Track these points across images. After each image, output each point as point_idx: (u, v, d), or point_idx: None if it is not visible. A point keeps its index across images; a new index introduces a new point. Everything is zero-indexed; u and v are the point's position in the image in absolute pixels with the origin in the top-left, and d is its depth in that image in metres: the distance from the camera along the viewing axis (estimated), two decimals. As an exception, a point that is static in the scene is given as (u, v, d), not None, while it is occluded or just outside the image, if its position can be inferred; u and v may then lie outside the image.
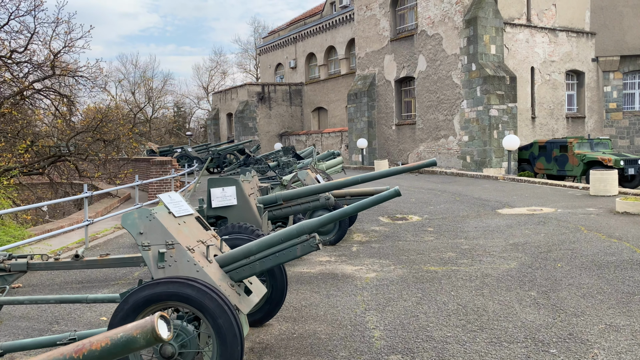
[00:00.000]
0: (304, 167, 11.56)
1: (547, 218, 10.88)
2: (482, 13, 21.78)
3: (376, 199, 4.53)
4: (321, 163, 12.16)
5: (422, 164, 7.32)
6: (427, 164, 7.27)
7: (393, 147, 26.58)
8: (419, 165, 7.32)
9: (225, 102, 39.46)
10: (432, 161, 7.23)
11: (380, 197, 4.53)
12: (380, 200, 4.54)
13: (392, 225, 11.10)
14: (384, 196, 4.53)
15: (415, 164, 7.33)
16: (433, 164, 7.25)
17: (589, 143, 21.18)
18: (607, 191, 13.42)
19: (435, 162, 7.24)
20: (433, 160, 7.22)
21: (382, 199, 4.54)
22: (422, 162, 7.32)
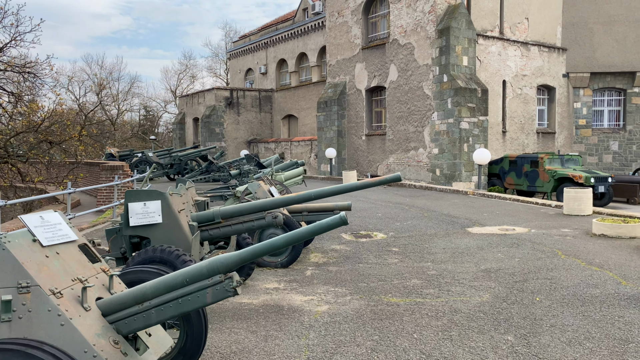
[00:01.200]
0: (259, 178, 10.43)
1: (520, 239, 9.99)
2: (455, 23, 21.11)
3: (318, 227, 3.46)
4: (280, 173, 11.04)
5: (385, 179, 6.29)
6: (390, 179, 6.25)
7: (363, 157, 25.67)
8: (381, 181, 6.29)
9: (192, 106, 38.02)
10: (396, 176, 6.21)
11: (324, 226, 3.46)
12: (324, 229, 3.47)
13: (355, 243, 10.05)
14: (328, 224, 3.46)
15: (378, 180, 6.30)
16: (397, 180, 6.23)
17: (560, 159, 20.65)
18: (581, 210, 12.68)
19: (399, 178, 6.23)
20: (397, 176, 6.21)
21: (325, 228, 3.47)
22: (385, 178, 6.30)
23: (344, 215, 3.44)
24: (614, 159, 25.72)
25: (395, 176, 6.22)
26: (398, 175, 6.21)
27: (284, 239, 3.36)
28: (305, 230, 3.42)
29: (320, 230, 3.44)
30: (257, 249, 3.32)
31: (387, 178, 6.25)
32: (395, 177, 6.23)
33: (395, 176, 6.22)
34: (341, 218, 3.42)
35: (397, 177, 6.22)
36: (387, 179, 6.25)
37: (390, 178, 6.24)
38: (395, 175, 6.23)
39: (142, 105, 52.84)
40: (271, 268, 7.95)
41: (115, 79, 50.01)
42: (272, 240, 3.36)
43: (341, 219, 3.42)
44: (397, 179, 6.23)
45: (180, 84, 53.29)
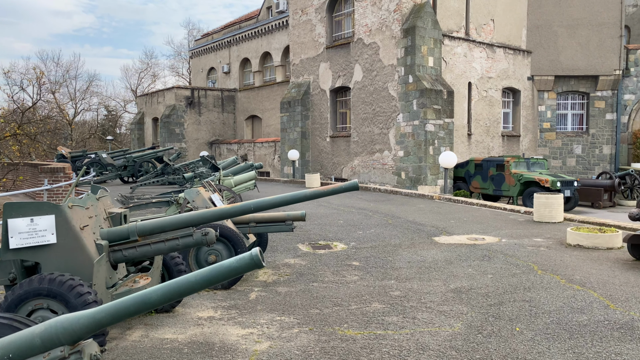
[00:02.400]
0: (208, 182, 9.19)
1: (491, 250, 9.06)
2: (420, 23, 20.29)
3: (214, 273, 2.32)
4: (229, 178, 9.80)
5: (340, 188, 5.21)
6: (346, 187, 5.16)
7: (327, 160, 24.62)
8: (335, 190, 5.20)
9: (151, 105, 36.25)
10: (353, 184, 5.14)
11: (223, 271, 2.32)
12: (223, 275, 2.33)
13: (312, 256, 8.93)
14: (231, 268, 2.33)
15: (331, 188, 5.21)
16: (354, 188, 5.15)
17: (526, 163, 20.07)
18: (552, 217, 11.91)
19: (356, 186, 5.15)
20: (354, 184, 5.13)
21: (226, 273, 2.33)
22: (340, 186, 5.21)
23: (256, 255, 2.31)
24: (578, 163, 25.44)
25: (352, 184, 5.15)
26: (355, 183, 5.14)
27: (161, 292, 2.20)
28: (193, 279, 2.27)
29: (217, 277, 2.31)
30: (120, 307, 2.15)
31: (343, 187, 5.16)
32: (351, 185, 5.16)
33: (352, 184, 5.15)
34: (252, 259, 2.30)
35: (353, 185, 5.15)
36: (343, 187, 5.16)
37: (347, 186, 5.16)
38: (352, 183, 5.15)
39: (102, 104, 50.48)
40: (210, 289, 6.77)
41: (72, 77, 47.46)
42: (145, 294, 2.20)
43: (252, 261, 2.30)
44: (354, 187, 5.16)
45: (141, 83, 51.17)
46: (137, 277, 5.21)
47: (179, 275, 5.82)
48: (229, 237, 6.80)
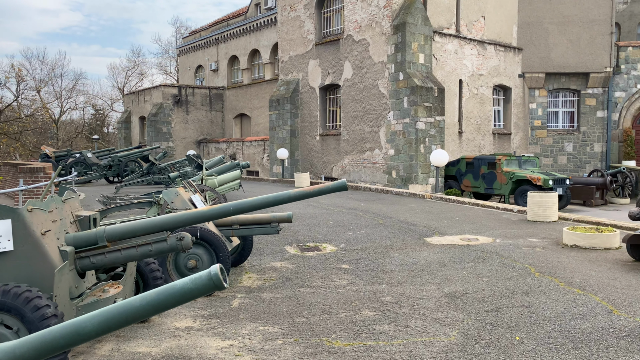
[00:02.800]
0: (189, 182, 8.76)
1: (485, 252, 8.74)
2: (411, 19, 19.96)
3: (156, 299, 1.92)
4: (212, 177, 9.35)
5: (327, 188, 4.83)
6: (334, 187, 4.78)
7: (317, 159, 24.23)
8: (322, 190, 4.82)
9: (138, 104, 35.63)
10: (341, 184, 4.76)
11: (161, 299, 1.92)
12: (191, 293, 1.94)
13: (300, 258, 8.55)
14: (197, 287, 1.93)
15: (318, 188, 4.83)
16: (342, 189, 4.78)
17: (518, 160, 19.84)
18: (546, 216, 11.62)
19: (344, 186, 4.78)
20: (342, 183, 4.76)
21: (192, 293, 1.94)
22: (327, 187, 4.83)
23: (215, 274, 1.91)
24: (569, 160, 25.28)
25: (340, 184, 4.77)
26: (343, 183, 4.76)
27: (97, 321, 1.80)
28: (138, 304, 1.87)
29: (166, 303, 1.91)
30: (47, 339, 1.74)
31: (330, 187, 4.78)
32: (339, 186, 4.78)
33: (340, 184, 4.77)
34: (211, 280, 1.90)
35: (341, 185, 4.77)
36: (330, 187, 4.78)
37: (334, 187, 4.78)
38: (340, 183, 4.77)
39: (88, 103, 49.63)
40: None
41: (57, 75, 46.59)
42: (78, 323, 1.80)
43: (211, 282, 1.89)
44: (342, 188, 4.78)
45: (128, 81, 50.37)
46: (106, 286, 4.79)
47: (155, 283, 5.41)
48: (210, 241, 6.40)
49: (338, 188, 4.76)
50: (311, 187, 4.84)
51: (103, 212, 11.75)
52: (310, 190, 4.81)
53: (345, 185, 4.76)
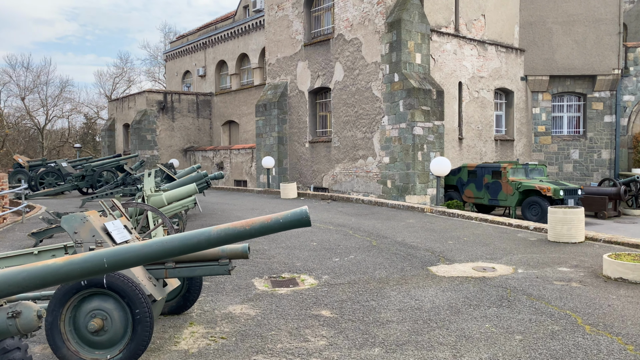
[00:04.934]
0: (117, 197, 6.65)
1: (508, 288, 6.64)
2: (406, 15, 17.98)
3: None
4: (158, 194, 7.18)
5: (277, 223, 2.73)
6: (287, 222, 2.70)
7: (306, 167, 22.14)
8: (266, 227, 2.73)
9: (122, 111, 33.49)
10: (299, 218, 2.67)
11: None
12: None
13: (268, 299, 6.43)
14: None
15: (259, 223, 2.73)
16: (301, 223, 2.68)
17: (524, 169, 17.82)
18: (571, 236, 9.54)
19: (306, 221, 2.68)
20: (300, 217, 2.66)
21: None
22: (276, 220, 2.73)
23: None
24: (575, 168, 23.27)
25: (298, 218, 2.68)
26: (302, 216, 2.67)
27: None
28: None
29: None
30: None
31: (281, 222, 2.69)
32: (296, 219, 2.68)
33: (298, 218, 2.68)
34: None
35: (300, 219, 2.68)
36: (280, 223, 2.69)
37: (288, 221, 2.69)
38: (298, 215, 2.68)
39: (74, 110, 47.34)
40: None
41: (43, 82, 44.38)
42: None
43: None
44: (301, 222, 2.69)
45: (116, 88, 48.22)
46: None
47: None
48: (121, 291, 4.28)
49: (293, 223, 2.67)
50: (250, 221, 2.75)
51: (44, 232, 9.61)
52: (245, 226, 2.71)
53: (307, 218, 2.67)
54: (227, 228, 2.69)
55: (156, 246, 2.55)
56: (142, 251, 2.50)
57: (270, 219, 2.69)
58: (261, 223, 2.68)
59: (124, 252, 2.55)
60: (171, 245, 2.60)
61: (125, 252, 2.54)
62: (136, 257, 2.51)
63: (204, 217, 13.68)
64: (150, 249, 2.53)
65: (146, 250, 2.52)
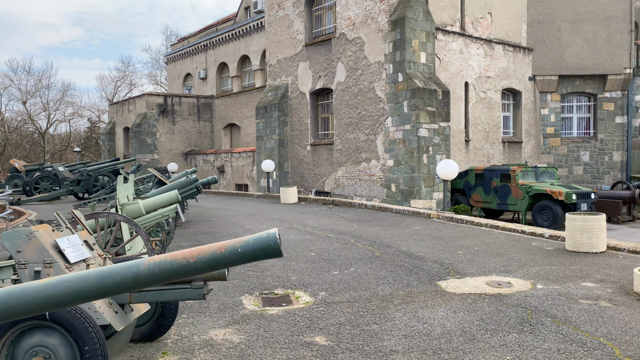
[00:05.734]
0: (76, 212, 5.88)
1: (529, 308, 5.81)
2: (410, 13, 17.19)
3: None
4: (134, 203, 6.37)
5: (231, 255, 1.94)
6: (246, 254, 1.91)
7: (308, 171, 21.35)
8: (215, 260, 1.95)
9: (122, 114, 32.84)
10: (263, 249, 1.88)
11: None
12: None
13: (256, 321, 5.63)
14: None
15: (208, 254, 1.96)
16: (270, 253, 1.89)
17: (534, 172, 16.96)
18: (592, 246, 8.70)
19: (276, 251, 1.89)
20: (267, 245, 1.87)
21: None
22: (232, 248, 1.94)
23: None
24: (585, 171, 22.36)
25: (262, 247, 1.89)
26: (270, 243, 1.89)
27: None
28: None
29: None
30: None
31: (237, 253, 1.91)
32: (261, 250, 1.90)
33: (262, 247, 1.89)
34: None
35: (265, 250, 1.89)
36: (237, 255, 1.91)
37: (253, 248, 1.90)
38: (263, 241, 1.89)
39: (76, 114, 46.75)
40: None
41: (44, 86, 43.80)
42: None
43: None
44: (267, 253, 1.90)
45: (117, 92, 47.63)
46: None
47: None
48: (67, 323, 3.50)
49: (256, 253, 1.88)
50: (197, 251, 1.96)
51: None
52: (189, 258, 1.92)
53: (276, 247, 1.88)
54: (163, 261, 1.90)
55: (49, 291, 1.76)
56: (20, 299, 1.71)
57: (224, 248, 1.91)
58: (211, 254, 1.89)
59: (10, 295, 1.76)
60: (78, 288, 1.81)
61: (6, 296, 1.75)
62: (9, 309, 1.72)
63: (198, 224, 12.91)
64: (39, 295, 1.74)
65: (30, 296, 1.73)
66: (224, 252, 1.90)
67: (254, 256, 1.89)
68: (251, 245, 1.90)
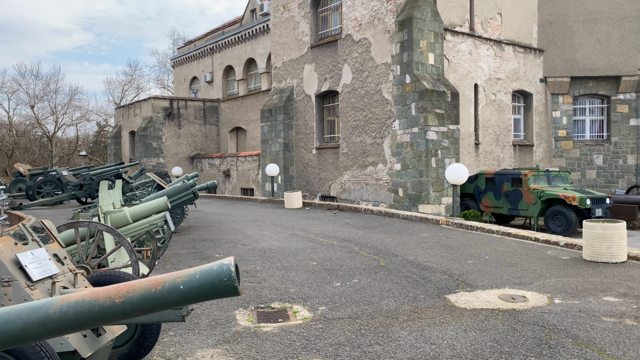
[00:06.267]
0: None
1: (547, 327, 5.28)
2: (418, 13, 16.69)
3: None
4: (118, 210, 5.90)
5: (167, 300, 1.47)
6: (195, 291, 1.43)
7: (313, 175, 20.88)
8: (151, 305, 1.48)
9: (128, 118, 32.61)
10: (219, 277, 1.40)
11: None
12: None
13: (248, 339, 5.15)
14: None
15: (161, 286, 1.49)
16: (222, 291, 1.41)
17: (546, 176, 16.37)
18: (612, 255, 8.13)
19: (228, 286, 1.42)
20: (221, 274, 1.39)
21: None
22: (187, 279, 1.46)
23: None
24: (599, 175, 21.68)
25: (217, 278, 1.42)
26: (226, 274, 1.42)
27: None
28: None
29: None
30: None
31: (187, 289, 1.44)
32: (212, 284, 1.43)
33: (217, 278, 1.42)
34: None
35: (219, 287, 1.42)
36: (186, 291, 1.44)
37: (199, 287, 1.43)
38: (218, 272, 1.43)
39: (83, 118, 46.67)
40: None
41: (52, 90, 43.80)
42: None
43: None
44: (224, 290, 1.43)
45: (125, 95, 47.53)
46: None
47: None
48: (19, 353, 3.04)
49: (203, 291, 1.40)
50: (127, 288, 1.48)
51: None
52: (114, 298, 1.44)
53: (231, 284, 1.40)
54: (80, 301, 1.44)
55: None
56: None
57: (162, 285, 1.43)
58: (144, 292, 1.43)
59: None
60: None
61: None
62: None
63: (197, 230, 12.47)
64: None
65: None
66: (160, 291, 1.43)
67: (201, 295, 1.43)
68: (197, 281, 1.43)
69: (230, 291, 1.41)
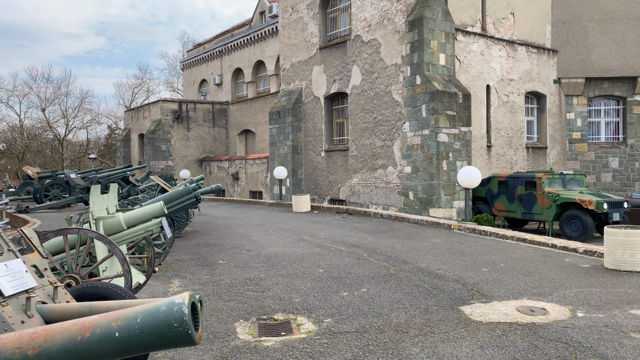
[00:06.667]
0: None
1: (571, 344, 4.84)
2: (429, 13, 16.28)
3: None
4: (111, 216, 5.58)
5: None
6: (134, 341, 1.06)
7: (322, 178, 20.51)
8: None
9: (137, 121, 32.49)
10: (167, 323, 1.03)
11: None
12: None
13: (247, 355, 4.78)
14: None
15: (90, 332, 1.13)
16: (172, 340, 1.03)
17: (561, 179, 15.84)
18: (635, 263, 7.65)
19: (181, 334, 1.04)
20: (170, 319, 1.02)
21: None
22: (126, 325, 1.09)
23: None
24: (614, 178, 21.05)
25: (166, 325, 1.05)
26: (178, 319, 1.04)
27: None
28: None
29: None
30: None
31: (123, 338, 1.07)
32: (159, 332, 1.05)
33: (166, 325, 1.05)
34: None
35: (167, 336, 1.05)
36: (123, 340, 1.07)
37: (141, 336, 1.06)
38: (166, 316, 1.05)
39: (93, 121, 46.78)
40: None
41: (63, 94, 43.95)
42: None
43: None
44: (174, 339, 1.05)
45: (135, 98, 47.56)
46: None
47: None
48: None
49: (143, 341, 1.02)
50: (50, 332, 1.10)
51: None
52: (33, 347, 1.07)
53: (184, 331, 1.01)
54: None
55: None
56: None
57: (90, 331, 1.05)
58: (67, 342, 1.04)
59: None
60: None
61: None
62: None
63: (202, 235, 12.14)
64: None
65: None
66: (89, 339, 1.04)
67: (142, 344, 1.06)
68: (138, 326, 1.05)
69: (182, 340, 1.04)
